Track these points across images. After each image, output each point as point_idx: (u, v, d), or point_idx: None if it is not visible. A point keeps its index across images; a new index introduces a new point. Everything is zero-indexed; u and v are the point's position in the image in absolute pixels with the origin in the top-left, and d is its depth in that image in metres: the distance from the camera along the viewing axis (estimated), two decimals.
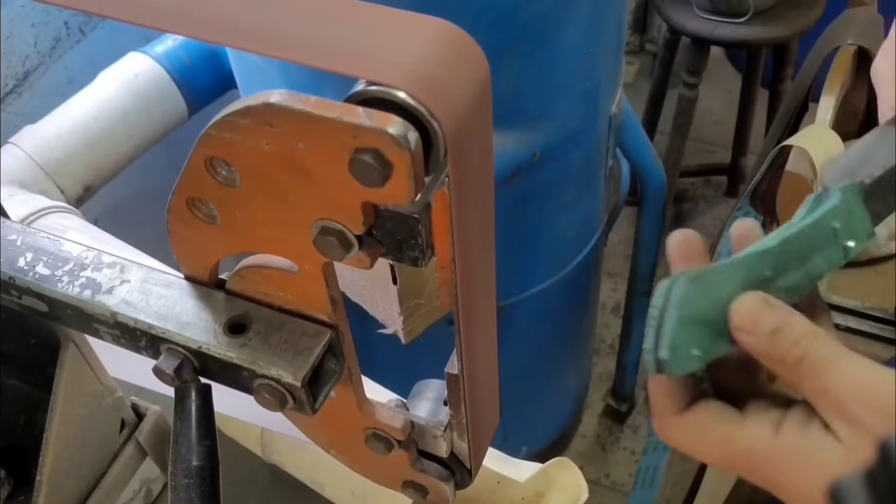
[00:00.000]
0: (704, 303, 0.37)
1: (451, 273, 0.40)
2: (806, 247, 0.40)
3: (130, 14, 0.36)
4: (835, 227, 0.41)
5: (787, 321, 0.37)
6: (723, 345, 0.37)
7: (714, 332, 0.37)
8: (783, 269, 0.39)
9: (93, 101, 1.06)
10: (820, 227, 0.41)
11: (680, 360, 0.37)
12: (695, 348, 0.37)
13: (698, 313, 0.37)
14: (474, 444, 0.49)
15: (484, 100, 0.36)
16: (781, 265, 0.40)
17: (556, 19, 0.94)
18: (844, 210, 0.41)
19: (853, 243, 0.41)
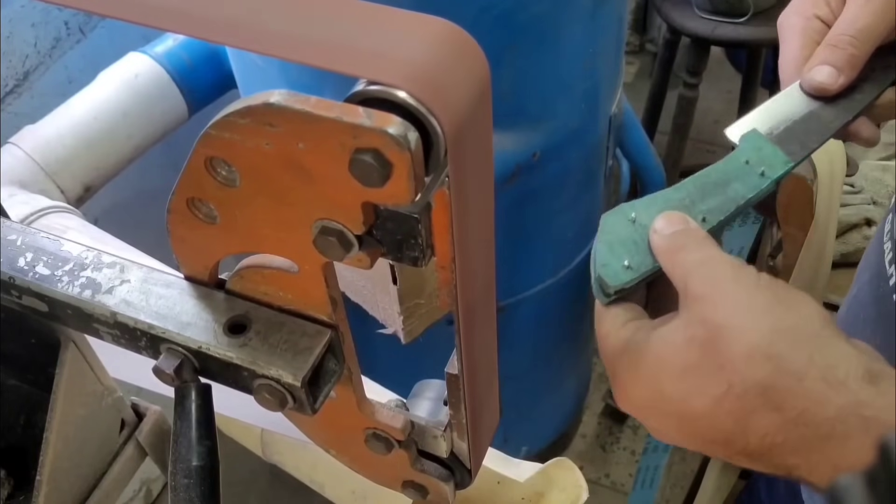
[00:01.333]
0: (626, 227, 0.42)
1: (451, 273, 0.40)
2: (721, 179, 0.45)
3: (130, 14, 0.36)
4: (746, 161, 0.46)
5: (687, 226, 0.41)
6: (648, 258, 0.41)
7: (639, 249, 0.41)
8: (700, 198, 0.44)
9: (93, 101, 1.06)
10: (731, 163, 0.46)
11: (614, 272, 0.40)
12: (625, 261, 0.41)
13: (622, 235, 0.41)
14: (474, 444, 0.49)
15: (484, 100, 0.36)
16: (698, 195, 0.44)
17: (556, 19, 0.94)
18: (752, 149, 0.47)
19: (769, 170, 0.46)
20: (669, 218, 0.41)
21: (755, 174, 0.46)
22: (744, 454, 0.35)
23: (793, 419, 0.33)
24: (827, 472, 0.33)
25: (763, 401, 0.33)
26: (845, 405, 0.32)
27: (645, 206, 0.42)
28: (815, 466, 0.33)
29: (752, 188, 0.45)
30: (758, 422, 0.34)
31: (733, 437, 0.35)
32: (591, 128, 1.14)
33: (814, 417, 0.33)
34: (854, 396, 0.33)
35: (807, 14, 0.53)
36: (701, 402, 0.35)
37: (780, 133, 0.49)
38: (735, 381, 0.34)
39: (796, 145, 0.48)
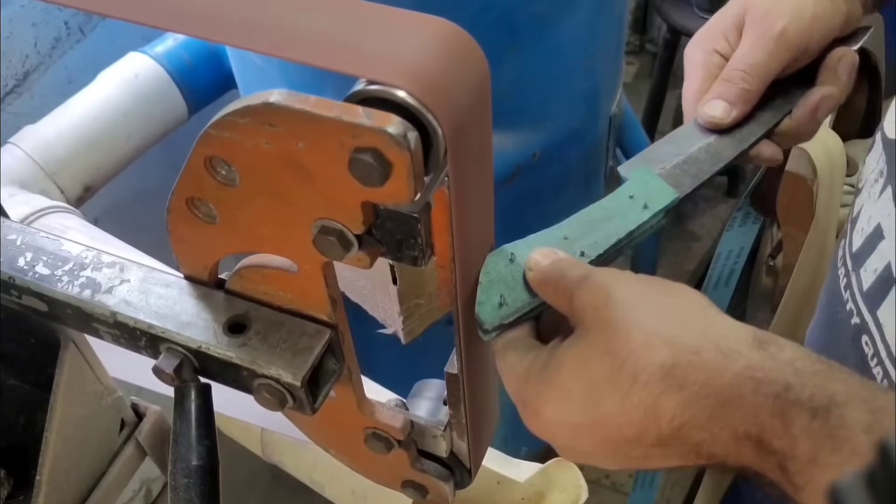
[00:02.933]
0: (504, 266, 0.42)
1: (451, 273, 0.40)
2: (603, 215, 0.46)
3: (130, 13, 0.36)
4: (630, 196, 0.47)
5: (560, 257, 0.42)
6: (523, 294, 0.42)
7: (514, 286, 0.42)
8: (581, 234, 0.45)
9: (93, 101, 1.06)
10: (615, 198, 0.47)
11: (488, 312, 0.41)
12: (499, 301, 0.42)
13: (499, 275, 0.42)
14: (474, 444, 0.49)
15: (484, 99, 0.36)
16: (579, 231, 0.45)
17: (556, 19, 0.94)
18: (638, 183, 0.48)
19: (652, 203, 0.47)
20: (541, 253, 0.42)
21: (638, 208, 0.46)
22: (657, 444, 0.36)
23: (696, 392, 0.34)
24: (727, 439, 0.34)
25: (667, 383, 0.35)
26: (739, 370, 0.34)
27: (524, 246, 0.43)
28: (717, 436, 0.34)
29: (633, 221, 0.45)
30: (665, 404, 0.35)
31: (645, 428, 0.36)
32: (591, 128, 1.14)
33: (713, 387, 0.34)
34: (746, 361, 0.34)
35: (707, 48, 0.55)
36: (610, 402, 0.36)
37: (671, 168, 0.50)
38: (638, 371, 0.35)
39: (686, 178, 0.49)
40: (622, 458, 0.38)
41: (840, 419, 0.32)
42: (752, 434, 0.33)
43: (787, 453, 0.32)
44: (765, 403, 0.33)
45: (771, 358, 0.34)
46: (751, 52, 0.52)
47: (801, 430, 0.32)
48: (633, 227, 0.45)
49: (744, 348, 0.35)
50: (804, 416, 0.32)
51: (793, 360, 0.34)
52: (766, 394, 0.33)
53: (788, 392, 0.33)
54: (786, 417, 0.32)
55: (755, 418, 0.33)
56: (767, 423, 0.33)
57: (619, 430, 0.36)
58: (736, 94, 0.52)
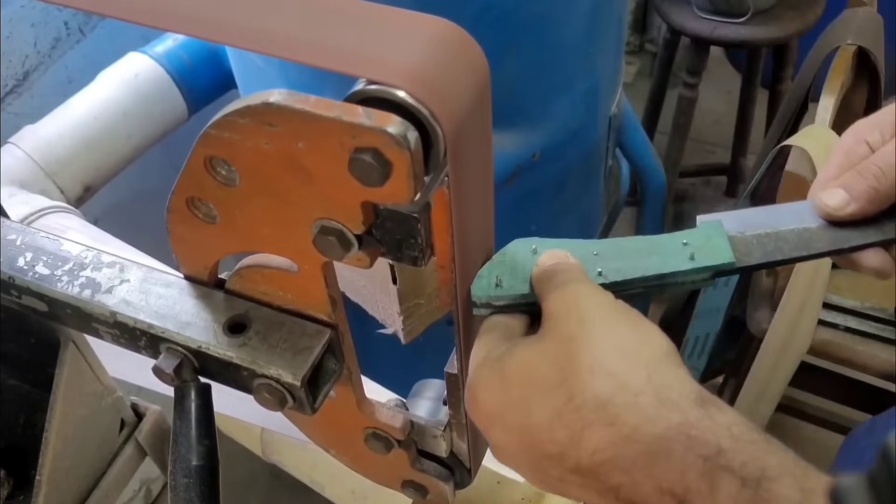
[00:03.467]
0: (522, 254, 0.42)
1: (451, 273, 0.40)
2: (646, 249, 0.44)
3: (130, 13, 0.36)
4: (685, 242, 0.44)
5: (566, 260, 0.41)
6: (521, 284, 0.41)
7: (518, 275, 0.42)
8: (612, 256, 0.43)
9: (93, 101, 1.06)
10: (667, 238, 0.44)
11: (481, 287, 0.41)
12: (496, 281, 0.41)
13: (513, 260, 0.42)
14: (474, 444, 0.49)
15: (484, 99, 0.36)
16: (612, 253, 0.43)
17: (556, 19, 0.94)
18: (701, 235, 0.44)
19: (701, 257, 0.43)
20: (552, 253, 0.42)
21: (684, 256, 0.43)
22: (575, 471, 0.35)
23: (625, 435, 0.34)
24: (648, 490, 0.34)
25: (599, 415, 0.34)
26: (674, 424, 0.33)
27: (549, 244, 0.43)
28: (639, 485, 0.34)
29: (670, 266, 0.42)
30: (591, 436, 0.35)
31: (566, 452, 0.35)
32: (591, 128, 1.14)
33: (644, 434, 0.34)
34: (683, 416, 0.34)
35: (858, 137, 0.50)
36: (541, 413, 0.36)
37: (749, 235, 0.45)
38: (575, 393, 0.35)
39: (758, 251, 0.45)
40: (541, 473, 0.37)
41: (769, 493, 0.31)
42: (676, 492, 0.33)
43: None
44: (694, 463, 0.32)
45: (709, 417, 0.34)
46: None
47: (727, 497, 0.31)
48: (666, 271, 0.42)
49: (684, 402, 0.34)
50: (734, 483, 0.32)
51: (730, 424, 0.33)
52: (697, 454, 0.32)
53: (720, 456, 0.32)
54: (714, 482, 0.32)
55: (682, 476, 0.32)
56: (693, 485, 0.32)
57: (543, 444, 0.36)
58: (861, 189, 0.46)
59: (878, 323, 1.17)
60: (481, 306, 0.41)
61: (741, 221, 0.46)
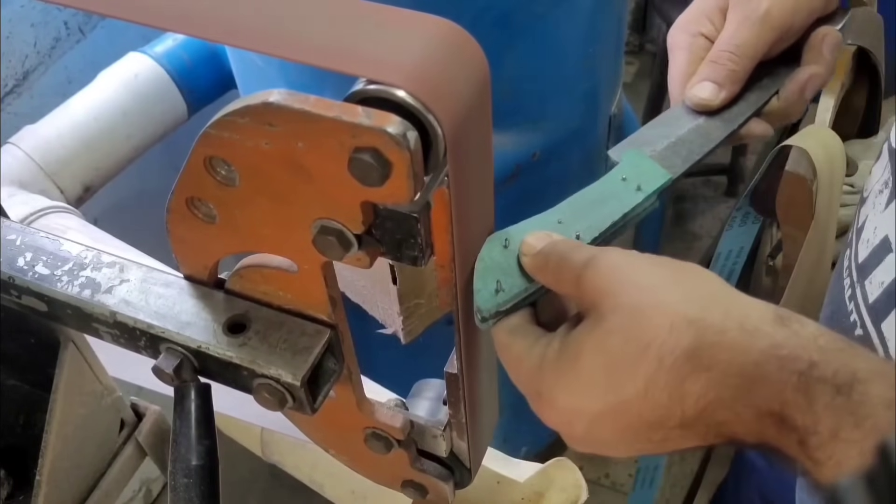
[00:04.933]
0: (499, 252, 0.42)
1: (451, 272, 0.40)
2: (597, 198, 0.46)
3: (130, 13, 0.36)
4: (623, 178, 0.47)
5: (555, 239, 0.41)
6: (519, 280, 0.41)
7: (510, 272, 0.42)
8: (575, 218, 0.44)
9: (93, 101, 1.06)
10: (608, 181, 0.47)
11: (486, 299, 0.41)
12: (495, 287, 0.41)
13: (494, 261, 0.42)
14: (474, 444, 0.49)
15: (484, 99, 0.36)
16: (573, 215, 0.44)
17: (555, 19, 0.94)
18: (630, 166, 0.48)
19: (645, 184, 0.46)
20: (534, 237, 0.42)
21: (631, 190, 0.46)
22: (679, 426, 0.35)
23: (722, 372, 0.34)
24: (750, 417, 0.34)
25: (694, 364, 0.34)
26: (765, 348, 0.34)
27: (518, 231, 0.43)
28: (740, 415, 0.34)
29: (627, 204, 0.45)
30: (691, 386, 0.34)
31: (670, 411, 0.35)
32: (591, 128, 1.14)
33: (740, 366, 0.34)
34: (770, 339, 0.34)
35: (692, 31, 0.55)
36: (634, 386, 0.36)
37: (661, 150, 0.49)
38: (664, 355, 0.35)
39: (678, 159, 0.49)
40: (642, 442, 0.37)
41: (863, 395, 0.32)
42: (775, 411, 0.33)
43: (810, 429, 0.32)
44: (789, 381, 0.33)
45: (794, 335, 0.34)
46: (737, 34, 0.52)
47: (824, 407, 0.32)
48: (627, 210, 0.45)
49: (767, 326, 0.34)
50: (828, 392, 0.32)
51: (816, 336, 0.34)
52: (790, 371, 0.33)
53: (813, 369, 0.33)
54: (810, 394, 0.32)
55: (779, 396, 0.33)
56: (791, 400, 0.33)
57: (642, 414, 0.36)
58: (724, 76, 0.52)
59: None
60: (490, 318, 0.41)
61: (647, 141, 0.50)
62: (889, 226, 0.52)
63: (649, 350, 0.35)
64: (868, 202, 0.57)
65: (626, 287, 0.37)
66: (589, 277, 0.38)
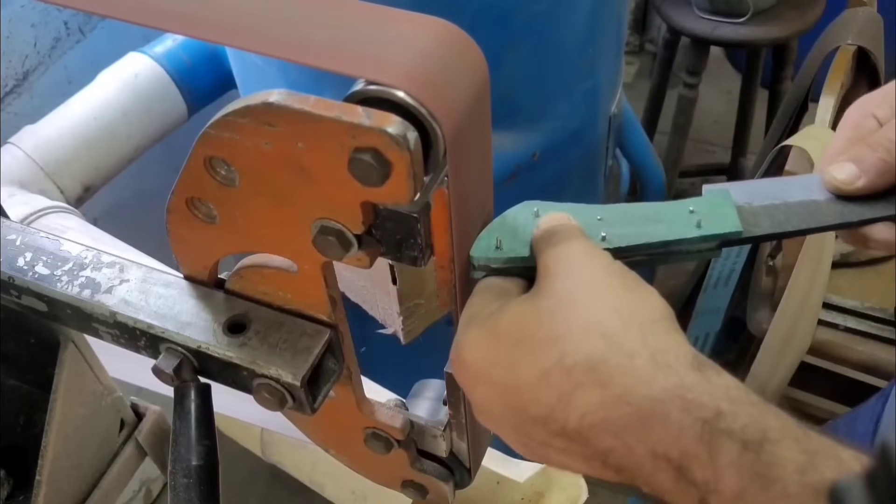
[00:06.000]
0: (523, 217, 0.41)
1: (451, 273, 0.40)
2: (651, 215, 0.43)
3: (130, 14, 0.36)
4: (691, 210, 0.43)
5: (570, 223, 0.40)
6: (522, 247, 0.40)
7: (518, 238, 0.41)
8: (616, 222, 0.42)
9: (93, 101, 1.06)
10: (673, 206, 0.44)
11: (481, 249, 0.40)
12: (495, 242, 0.40)
13: (515, 223, 0.41)
14: (474, 444, 0.49)
15: (483, 100, 0.36)
16: (616, 219, 0.42)
17: (556, 19, 0.94)
18: (708, 203, 0.44)
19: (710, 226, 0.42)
20: (553, 216, 0.41)
21: (690, 224, 0.42)
22: (561, 434, 0.35)
23: (617, 396, 0.33)
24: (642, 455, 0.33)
25: (590, 376, 0.34)
26: (670, 387, 0.33)
27: (553, 207, 0.42)
28: (630, 449, 0.33)
29: (675, 233, 0.42)
30: (581, 397, 0.34)
31: (554, 414, 0.34)
32: (591, 128, 1.14)
33: (637, 396, 0.33)
34: (680, 380, 0.33)
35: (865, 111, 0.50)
36: (529, 372, 0.35)
37: (757, 205, 0.45)
38: (566, 353, 0.34)
39: (766, 221, 0.44)
40: (524, 436, 0.36)
41: (772, 456, 0.30)
42: (672, 458, 0.32)
43: (710, 486, 0.31)
44: (692, 427, 0.31)
45: (706, 381, 0.33)
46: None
47: (728, 463, 0.31)
48: (671, 238, 0.42)
49: (680, 366, 0.33)
50: (734, 447, 0.31)
51: (728, 387, 0.33)
52: (694, 417, 0.31)
53: (719, 419, 0.31)
54: (713, 446, 0.31)
55: (678, 441, 0.32)
56: (691, 450, 0.31)
57: (529, 404, 0.35)
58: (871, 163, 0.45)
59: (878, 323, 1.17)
60: (479, 268, 0.40)
61: (749, 192, 0.45)
62: None
63: (555, 343, 0.34)
64: None
65: (569, 276, 0.36)
66: (548, 254, 0.38)
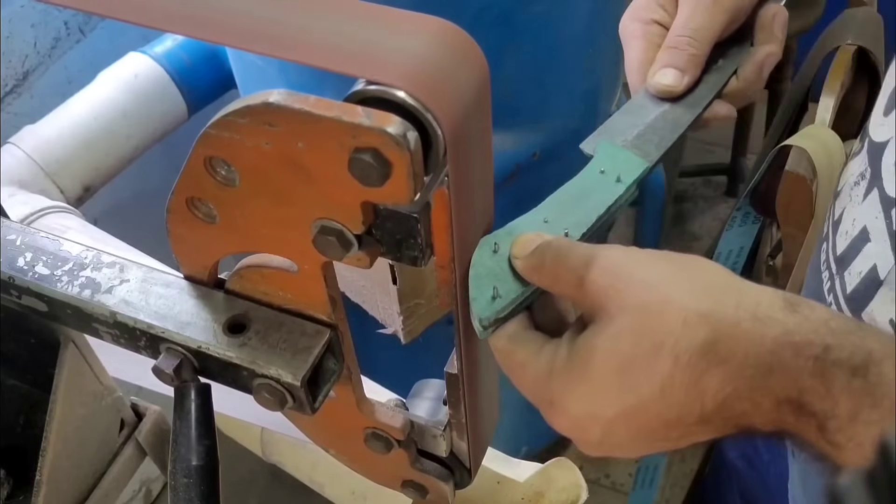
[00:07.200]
0: (490, 258, 0.41)
1: (451, 272, 0.40)
2: (579, 193, 0.45)
3: (130, 14, 0.36)
4: (601, 171, 0.47)
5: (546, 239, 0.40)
6: (514, 284, 0.41)
7: (504, 278, 0.41)
8: (561, 215, 0.44)
9: (93, 101, 1.06)
10: (587, 175, 0.47)
11: (483, 307, 0.40)
12: (491, 293, 0.40)
13: (487, 268, 0.41)
14: (474, 444, 0.49)
15: (484, 99, 0.36)
16: (558, 212, 0.44)
17: (556, 19, 0.94)
18: (606, 158, 0.48)
19: (625, 175, 0.46)
20: (525, 239, 0.41)
21: (611, 182, 0.46)
22: (699, 422, 0.35)
23: (739, 364, 0.34)
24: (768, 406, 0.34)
25: (710, 359, 0.34)
26: (778, 336, 0.34)
27: (506, 234, 0.42)
28: (759, 405, 0.34)
29: (610, 196, 0.45)
30: (709, 381, 0.34)
31: (688, 408, 0.35)
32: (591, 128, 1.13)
33: (755, 357, 0.34)
34: (783, 326, 0.34)
35: (644, 19, 0.55)
36: (649, 387, 0.35)
37: (633, 139, 0.49)
38: (679, 352, 0.34)
39: (651, 147, 0.49)
40: (660, 441, 0.37)
41: (878, 376, 0.32)
42: (793, 398, 0.33)
43: (828, 413, 0.32)
44: (805, 366, 0.33)
45: (805, 320, 0.34)
46: (692, 18, 0.52)
47: (841, 390, 0.32)
48: (611, 202, 0.45)
49: (778, 313, 0.34)
50: (844, 375, 0.32)
51: (827, 320, 0.34)
52: (806, 356, 0.33)
53: (828, 353, 0.33)
54: (826, 378, 0.32)
55: (796, 382, 0.33)
56: (808, 386, 0.33)
57: (660, 414, 0.35)
58: (685, 60, 0.52)
59: None
60: (489, 326, 0.41)
61: (618, 131, 0.50)
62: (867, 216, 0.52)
63: (663, 349, 0.35)
64: (843, 195, 0.57)
65: (632, 285, 0.36)
66: (592, 278, 0.37)
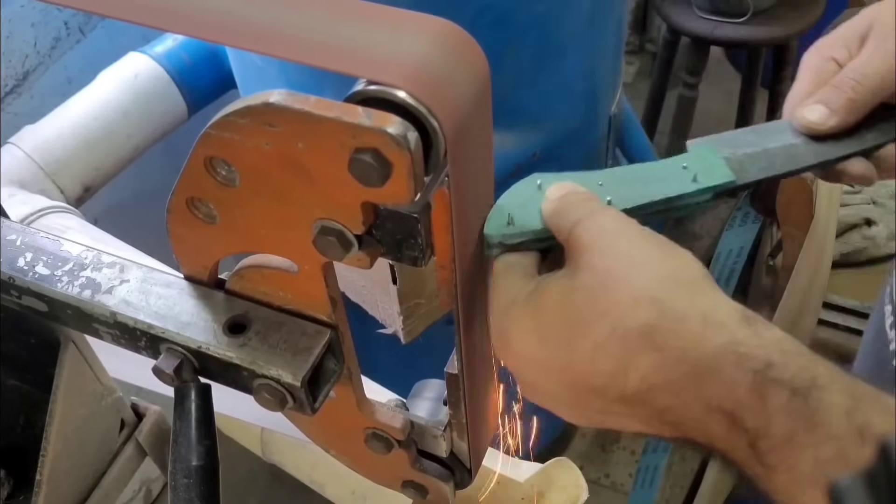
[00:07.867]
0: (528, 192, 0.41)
1: (451, 273, 0.40)
2: (649, 175, 0.44)
3: (130, 14, 0.36)
4: (684, 166, 0.45)
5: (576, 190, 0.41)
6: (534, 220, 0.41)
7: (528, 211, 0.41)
8: (616, 185, 0.43)
9: (93, 101, 1.06)
10: (666, 164, 0.45)
11: (494, 227, 0.40)
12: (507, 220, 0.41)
13: (520, 199, 0.41)
14: (474, 444, 0.49)
15: (484, 99, 0.36)
16: (616, 181, 0.43)
17: (556, 19, 0.94)
18: (697, 157, 0.46)
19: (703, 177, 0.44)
20: (560, 185, 0.42)
21: (686, 179, 0.44)
22: (620, 401, 0.35)
23: (673, 357, 0.34)
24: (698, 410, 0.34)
25: (645, 342, 0.34)
26: (723, 343, 0.34)
27: (555, 178, 0.42)
28: (687, 405, 0.34)
29: (675, 189, 0.43)
30: (638, 363, 0.34)
31: (612, 381, 0.35)
32: (591, 128, 1.14)
33: (693, 355, 0.34)
34: (731, 335, 0.34)
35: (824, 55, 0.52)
36: (583, 347, 0.36)
37: (740, 155, 0.47)
38: (619, 325, 0.35)
39: (752, 168, 0.47)
40: (583, 407, 0.37)
41: (819, 401, 0.31)
42: (725, 409, 0.33)
43: (761, 431, 0.32)
44: (744, 379, 0.33)
45: (756, 335, 0.34)
46: (867, 62, 0.49)
47: (777, 408, 0.32)
48: (672, 195, 0.43)
49: (731, 323, 0.34)
50: (783, 394, 0.32)
51: (779, 339, 0.34)
52: (746, 369, 0.33)
53: (769, 369, 0.32)
54: (763, 394, 0.32)
55: (731, 393, 0.33)
56: (744, 399, 0.32)
57: (586, 377, 0.36)
58: (840, 102, 0.48)
59: None
60: (494, 246, 0.41)
61: (730, 142, 0.48)
62: None
63: (606, 316, 0.35)
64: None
65: (607, 250, 0.37)
66: (578, 232, 0.38)
